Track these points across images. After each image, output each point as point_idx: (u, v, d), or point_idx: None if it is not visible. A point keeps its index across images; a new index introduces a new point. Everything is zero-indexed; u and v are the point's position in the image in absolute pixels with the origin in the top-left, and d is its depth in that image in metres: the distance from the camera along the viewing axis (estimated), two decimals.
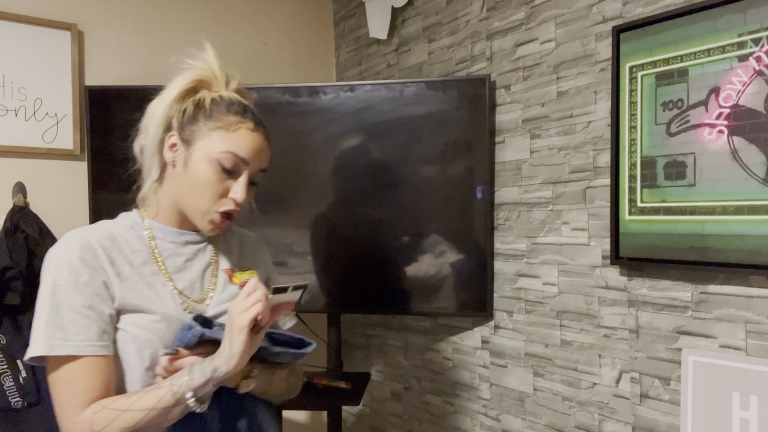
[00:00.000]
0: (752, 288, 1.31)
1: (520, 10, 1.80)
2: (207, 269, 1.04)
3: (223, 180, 0.96)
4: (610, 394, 1.58)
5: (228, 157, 0.95)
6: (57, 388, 0.91)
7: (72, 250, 0.91)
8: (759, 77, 1.26)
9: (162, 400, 0.86)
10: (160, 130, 1.02)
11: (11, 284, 1.75)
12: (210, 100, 0.98)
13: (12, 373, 1.70)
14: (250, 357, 0.88)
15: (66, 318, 0.88)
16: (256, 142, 0.98)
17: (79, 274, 0.90)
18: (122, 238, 0.98)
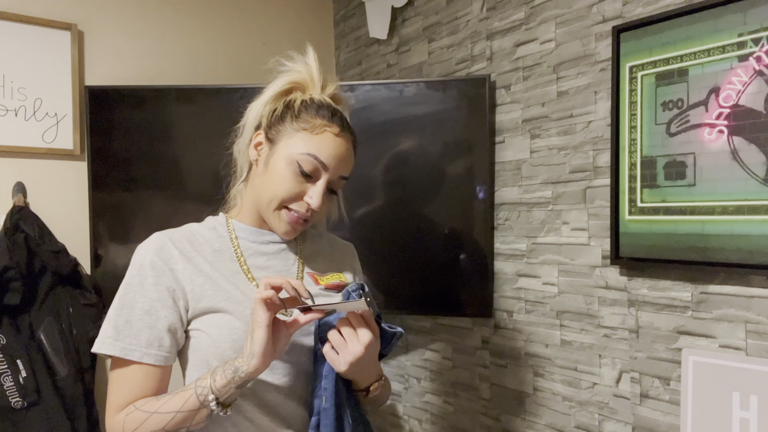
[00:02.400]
0: (752, 288, 1.31)
1: (520, 10, 1.80)
2: (290, 270, 1.02)
3: (300, 183, 0.94)
4: (610, 394, 1.58)
5: (308, 159, 0.93)
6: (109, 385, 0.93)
7: (147, 251, 0.93)
8: (759, 77, 1.26)
9: (188, 402, 0.85)
10: (252, 130, 1.01)
11: (11, 284, 1.75)
12: (300, 102, 0.98)
13: (12, 373, 1.70)
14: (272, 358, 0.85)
15: (123, 318, 0.90)
16: (339, 147, 0.95)
17: (146, 276, 0.91)
18: (204, 239, 0.99)
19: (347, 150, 0.98)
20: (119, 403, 0.90)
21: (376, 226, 1.99)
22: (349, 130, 0.99)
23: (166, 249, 0.93)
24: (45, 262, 1.83)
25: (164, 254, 0.93)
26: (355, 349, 0.87)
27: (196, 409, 0.85)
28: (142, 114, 1.99)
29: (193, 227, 1.01)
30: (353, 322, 0.88)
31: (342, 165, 0.97)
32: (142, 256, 0.93)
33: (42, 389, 1.74)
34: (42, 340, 1.80)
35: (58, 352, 1.81)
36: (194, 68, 2.29)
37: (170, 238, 0.96)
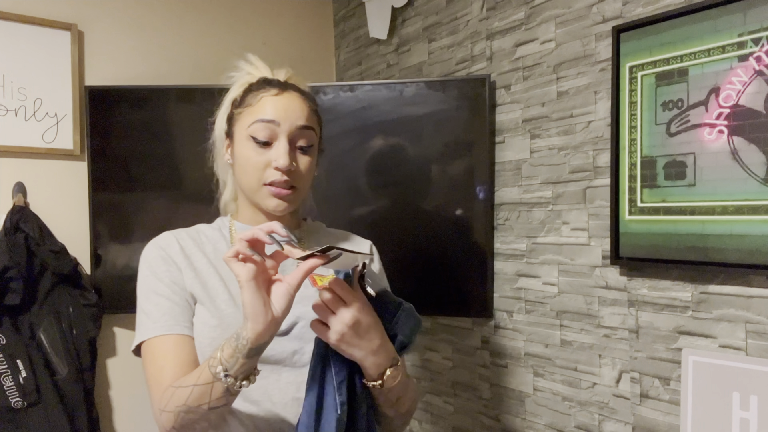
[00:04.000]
0: (752, 288, 1.31)
1: (520, 10, 1.80)
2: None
3: (262, 153, 0.95)
4: (610, 394, 1.58)
5: (256, 126, 0.95)
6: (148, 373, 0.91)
7: (154, 246, 0.98)
8: (759, 77, 1.26)
9: (202, 375, 0.82)
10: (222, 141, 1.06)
11: (11, 284, 1.75)
12: (242, 92, 1.01)
13: (12, 373, 1.70)
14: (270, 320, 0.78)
15: (150, 305, 0.93)
16: (281, 102, 0.96)
17: (158, 266, 0.95)
18: (207, 237, 1.02)
19: (293, 102, 0.98)
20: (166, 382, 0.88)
21: (375, 226, 1.99)
22: (292, 88, 1.00)
23: (171, 244, 0.98)
24: (45, 262, 1.83)
25: (169, 249, 0.98)
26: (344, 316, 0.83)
27: (210, 382, 0.81)
28: (142, 114, 1.99)
29: (201, 227, 1.05)
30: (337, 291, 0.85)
31: (292, 115, 0.96)
32: (150, 251, 0.98)
33: (42, 389, 1.74)
34: (42, 340, 1.80)
35: (58, 352, 1.81)
36: (194, 68, 2.29)
37: (175, 235, 1.00)
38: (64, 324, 1.85)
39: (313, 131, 0.99)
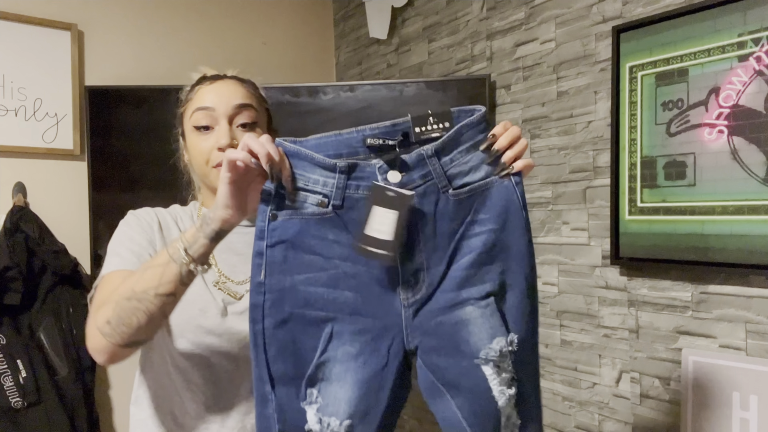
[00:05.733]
0: (752, 288, 1.31)
1: (520, 10, 1.80)
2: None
3: (206, 139, 0.98)
4: (610, 394, 1.58)
5: (196, 115, 0.99)
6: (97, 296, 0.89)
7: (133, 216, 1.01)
8: (759, 77, 1.26)
9: (157, 259, 0.81)
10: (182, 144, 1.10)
11: (11, 284, 1.75)
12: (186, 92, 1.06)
13: (12, 373, 1.70)
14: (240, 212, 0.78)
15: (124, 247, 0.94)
16: (216, 89, 1.00)
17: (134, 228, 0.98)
18: (180, 217, 1.05)
19: (228, 86, 1.01)
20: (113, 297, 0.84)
21: None
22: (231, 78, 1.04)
23: (150, 216, 1.02)
24: (45, 262, 1.83)
25: (148, 218, 1.01)
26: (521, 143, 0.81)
27: (165, 263, 0.79)
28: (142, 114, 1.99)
29: (177, 208, 1.08)
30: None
31: (226, 97, 0.99)
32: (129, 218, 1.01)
33: (42, 389, 1.74)
34: (42, 340, 1.80)
35: (58, 352, 1.81)
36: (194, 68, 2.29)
37: (155, 211, 1.04)
38: (64, 324, 1.85)
39: (252, 108, 1.02)
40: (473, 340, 0.75)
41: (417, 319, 0.76)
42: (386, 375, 0.76)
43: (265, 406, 0.75)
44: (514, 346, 0.75)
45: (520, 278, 0.77)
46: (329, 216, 0.76)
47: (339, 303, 0.76)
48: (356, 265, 0.76)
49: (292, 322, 0.75)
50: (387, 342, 0.76)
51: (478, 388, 0.75)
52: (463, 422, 0.75)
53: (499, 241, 0.76)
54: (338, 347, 0.76)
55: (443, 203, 0.76)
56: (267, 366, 0.75)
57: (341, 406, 0.75)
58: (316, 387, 0.75)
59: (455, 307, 0.76)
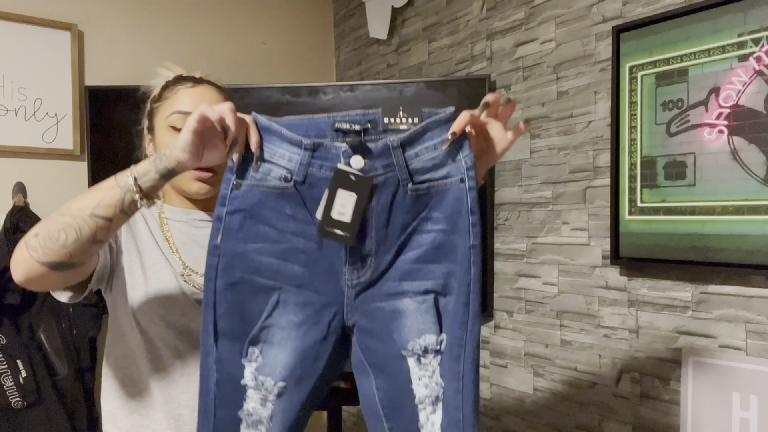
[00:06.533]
0: (752, 288, 1.31)
1: (520, 10, 1.80)
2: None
3: None
4: (610, 394, 1.58)
5: (174, 117, 1.00)
6: None
7: None
8: (759, 77, 1.26)
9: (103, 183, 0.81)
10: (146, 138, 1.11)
11: (11, 284, 1.75)
12: (160, 89, 1.06)
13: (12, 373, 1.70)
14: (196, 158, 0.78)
15: None
16: (196, 94, 1.02)
17: None
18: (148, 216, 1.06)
19: (207, 93, 1.03)
20: None
21: None
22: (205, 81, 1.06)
23: None
24: None
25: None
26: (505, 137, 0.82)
27: (109, 187, 0.80)
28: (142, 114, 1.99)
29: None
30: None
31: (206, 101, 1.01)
32: None
33: (42, 389, 1.74)
34: (42, 340, 1.80)
35: (58, 352, 1.81)
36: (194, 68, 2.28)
37: None
38: (64, 324, 1.85)
39: None
40: (405, 331, 0.79)
41: (358, 300, 0.80)
42: (324, 346, 0.80)
43: (207, 356, 0.79)
44: (442, 346, 0.78)
45: (459, 282, 0.78)
46: (290, 191, 0.78)
47: (287, 275, 0.79)
48: (308, 241, 0.79)
49: (242, 285, 0.79)
50: (328, 316, 0.80)
51: (399, 377, 0.79)
52: (378, 403, 0.80)
53: (447, 242, 0.79)
54: (282, 315, 0.79)
55: (401, 195, 0.78)
56: (214, 322, 0.78)
57: (278, 368, 0.79)
58: (258, 347, 0.79)
59: (394, 297, 0.79)
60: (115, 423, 1.01)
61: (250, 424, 0.79)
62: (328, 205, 0.77)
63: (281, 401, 0.79)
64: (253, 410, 0.79)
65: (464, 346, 0.77)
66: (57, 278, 0.82)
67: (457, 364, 0.77)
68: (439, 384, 0.78)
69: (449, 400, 0.78)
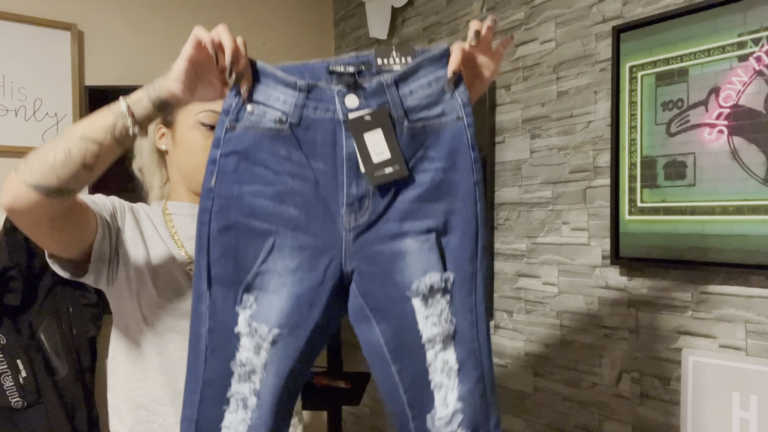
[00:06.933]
0: (752, 288, 1.31)
1: (520, 10, 1.80)
2: None
3: (209, 137, 0.98)
4: (610, 394, 1.58)
5: (206, 114, 0.99)
6: None
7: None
8: (759, 77, 1.26)
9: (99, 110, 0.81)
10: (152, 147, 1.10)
11: (11, 284, 1.75)
12: None
13: (12, 373, 1.70)
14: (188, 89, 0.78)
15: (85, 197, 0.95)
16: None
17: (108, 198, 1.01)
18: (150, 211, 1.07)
19: None
20: None
21: None
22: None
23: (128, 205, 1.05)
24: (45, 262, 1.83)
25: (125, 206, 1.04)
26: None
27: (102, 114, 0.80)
28: None
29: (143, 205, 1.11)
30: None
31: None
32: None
33: (42, 389, 1.74)
34: (42, 340, 1.80)
35: (58, 352, 1.81)
36: None
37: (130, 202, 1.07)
38: (64, 324, 1.85)
39: None
40: (408, 272, 0.77)
41: (357, 243, 0.78)
42: (320, 292, 0.78)
43: (200, 302, 0.77)
44: (448, 284, 0.77)
45: (464, 219, 0.78)
46: (285, 133, 0.77)
47: (283, 218, 0.77)
48: (304, 183, 0.77)
49: (237, 229, 0.77)
50: (325, 261, 0.78)
51: (404, 319, 0.77)
52: (384, 347, 0.77)
53: (446, 180, 0.78)
54: (278, 260, 0.77)
55: (397, 134, 0.77)
56: (207, 266, 0.76)
57: (273, 315, 0.77)
58: (252, 294, 0.77)
59: (395, 238, 0.78)
60: (121, 418, 1.01)
61: (242, 375, 0.76)
62: (364, 155, 0.75)
63: (276, 349, 0.77)
64: (246, 360, 0.76)
65: (475, 280, 0.77)
66: (43, 206, 0.79)
67: (470, 297, 0.77)
68: (450, 321, 0.77)
69: (464, 333, 0.77)
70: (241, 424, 0.75)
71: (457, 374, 0.77)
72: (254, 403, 0.76)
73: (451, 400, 0.76)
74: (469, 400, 0.76)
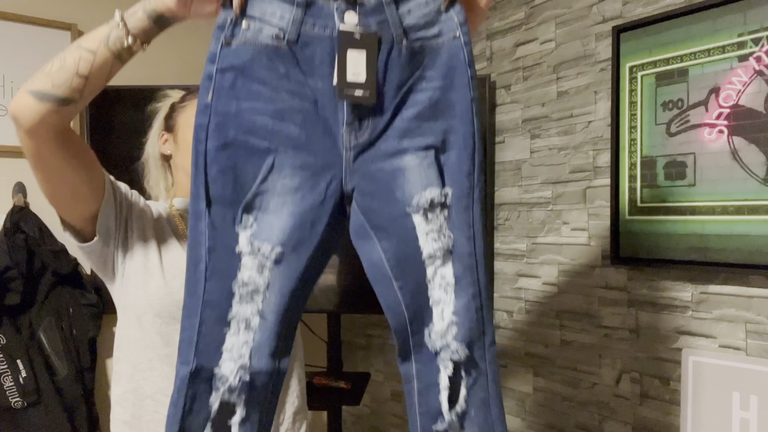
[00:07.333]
0: (752, 288, 1.31)
1: (520, 10, 1.80)
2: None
3: None
4: (610, 394, 1.58)
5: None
6: None
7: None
8: (759, 77, 1.26)
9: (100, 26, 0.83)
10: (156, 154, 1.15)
11: (11, 284, 1.75)
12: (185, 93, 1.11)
13: (12, 373, 1.70)
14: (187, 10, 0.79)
15: None
16: None
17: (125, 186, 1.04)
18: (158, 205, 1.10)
19: None
20: None
21: None
22: None
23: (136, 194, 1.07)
24: (45, 262, 1.83)
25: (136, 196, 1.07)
26: None
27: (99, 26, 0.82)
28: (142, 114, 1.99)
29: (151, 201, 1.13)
30: None
31: None
32: None
33: (42, 389, 1.74)
34: (42, 340, 1.80)
35: (58, 352, 1.81)
36: (194, 68, 2.29)
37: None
38: (64, 324, 1.85)
39: None
40: (408, 187, 0.77)
41: (357, 162, 0.77)
42: (322, 211, 0.77)
43: (199, 221, 0.76)
44: (447, 199, 0.77)
45: (462, 136, 0.78)
46: (282, 50, 0.76)
47: (282, 135, 0.76)
48: (303, 101, 0.76)
49: (235, 147, 0.75)
50: (326, 180, 0.77)
51: (405, 235, 0.77)
52: (386, 264, 0.77)
53: (444, 98, 0.78)
54: (278, 180, 0.76)
55: (396, 53, 0.77)
56: (205, 185, 0.75)
57: (274, 233, 0.76)
58: (252, 214, 0.76)
59: (395, 155, 0.77)
60: (126, 407, 1.01)
61: (244, 296, 0.75)
62: (341, 69, 0.75)
63: (279, 268, 0.75)
64: (248, 279, 0.75)
65: (473, 196, 0.77)
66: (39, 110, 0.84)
67: (467, 213, 0.77)
68: (448, 236, 0.77)
69: (461, 248, 0.77)
70: (244, 346, 0.74)
71: (453, 289, 0.77)
72: (257, 323, 0.75)
73: (447, 314, 0.76)
74: (464, 314, 0.76)
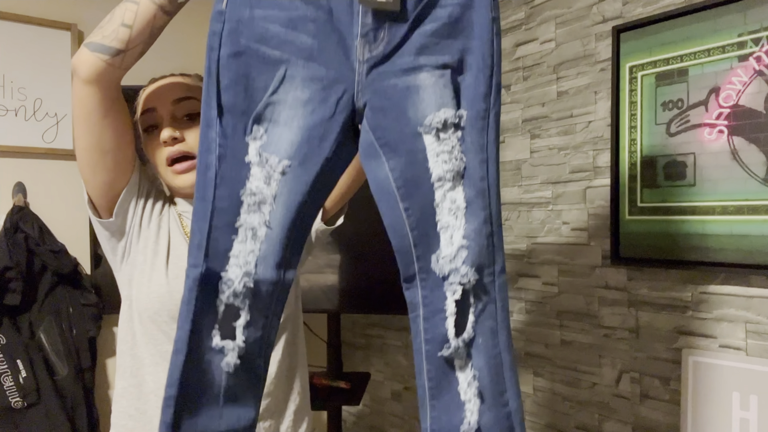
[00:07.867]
0: (752, 288, 1.31)
1: (520, 10, 1.80)
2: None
3: (154, 138, 1.03)
4: (610, 394, 1.58)
5: (141, 119, 1.03)
6: None
7: None
8: (759, 77, 1.26)
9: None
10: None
11: (11, 284, 1.75)
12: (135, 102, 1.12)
13: (12, 373, 1.70)
14: None
15: None
16: (153, 88, 1.04)
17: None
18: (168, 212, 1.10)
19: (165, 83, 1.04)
20: None
21: (376, 225, 1.99)
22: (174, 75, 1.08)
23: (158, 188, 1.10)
24: (45, 262, 1.83)
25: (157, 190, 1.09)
26: None
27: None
28: None
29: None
30: None
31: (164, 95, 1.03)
32: None
33: (42, 389, 1.74)
34: (42, 340, 1.80)
35: (58, 352, 1.81)
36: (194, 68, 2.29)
37: None
38: (64, 324, 1.85)
39: (194, 99, 1.04)
40: (421, 106, 0.75)
41: (370, 76, 0.75)
42: (332, 125, 0.75)
43: (210, 129, 0.75)
44: (461, 121, 0.75)
45: (480, 56, 0.75)
46: None
47: (295, 45, 0.74)
48: (317, 11, 0.74)
49: (247, 56, 0.74)
50: (337, 93, 0.75)
51: (415, 156, 0.75)
52: (393, 184, 0.75)
53: (464, 17, 0.75)
54: (289, 91, 0.75)
55: None
56: (217, 93, 0.74)
57: (283, 146, 0.75)
58: (263, 125, 0.75)
59: (410, 72, 0.75)
60: (129, 401, 1.00)
61: (252, 205, 0.74)
62: None
63: (286, 180, 0.75)
64: (256, 189, 0.74)
65: (488, 119, 0.75)
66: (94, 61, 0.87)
67: (481, 136, 0.75)
68: (461, 159, 0.75)
69: (473, 172, 0.75)
70: (250, 254, 0.74)
71: (464, 213, 0.75)
72: (264, 233, 0.75)
73: (457, 238, 0.74)
74: (474, 238, 0.74)
